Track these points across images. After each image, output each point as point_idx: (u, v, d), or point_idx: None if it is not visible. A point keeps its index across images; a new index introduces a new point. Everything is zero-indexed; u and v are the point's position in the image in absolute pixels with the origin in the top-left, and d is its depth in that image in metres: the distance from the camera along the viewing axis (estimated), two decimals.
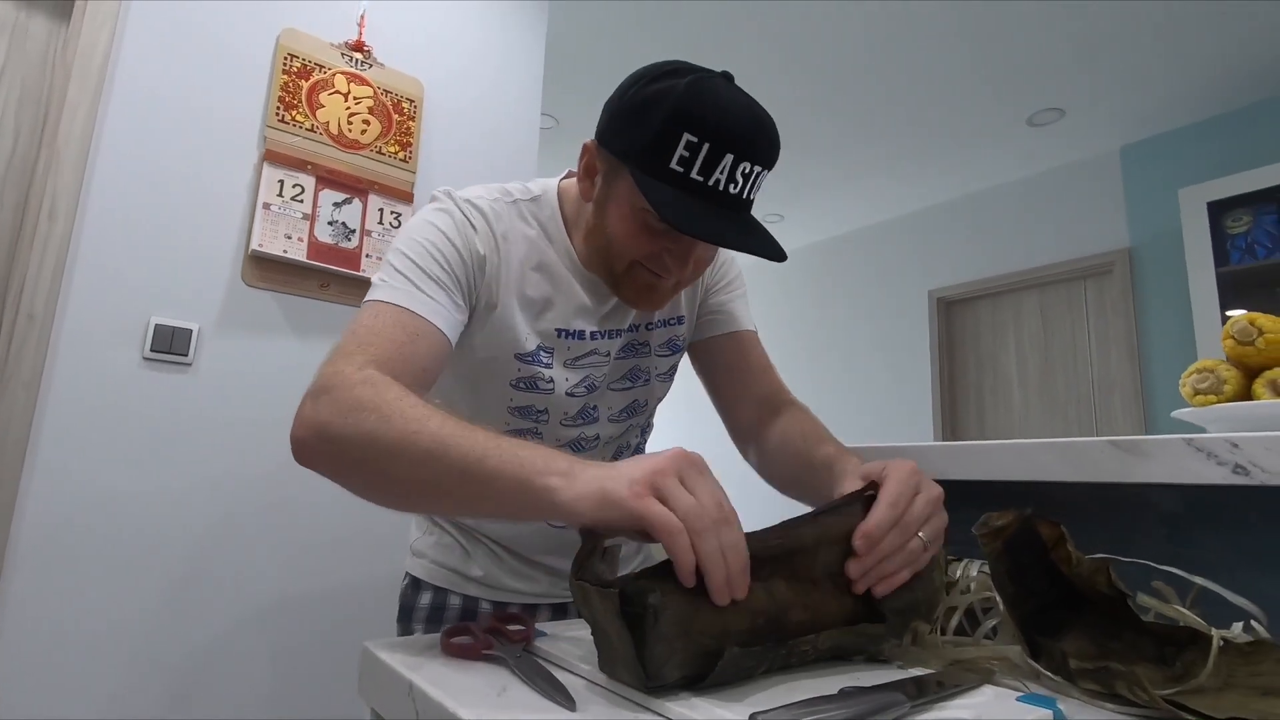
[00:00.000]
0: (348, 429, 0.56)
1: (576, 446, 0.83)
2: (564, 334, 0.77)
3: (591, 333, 0.79)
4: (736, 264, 0.92)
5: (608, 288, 0.75)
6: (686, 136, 0.62)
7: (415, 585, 0.91)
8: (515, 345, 0.75)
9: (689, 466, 0.46)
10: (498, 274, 0.74)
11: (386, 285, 0.68)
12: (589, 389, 0.80)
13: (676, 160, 0.62)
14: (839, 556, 0.51)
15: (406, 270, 0.69)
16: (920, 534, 0.52)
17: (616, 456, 0.88)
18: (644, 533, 0.45)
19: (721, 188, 0.63)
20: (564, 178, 0.81)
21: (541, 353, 0.77)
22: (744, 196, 0.65)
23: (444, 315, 0.68)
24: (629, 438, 0.90)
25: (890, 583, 0.51)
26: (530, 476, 0.48)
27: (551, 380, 0.78)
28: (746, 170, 0.64)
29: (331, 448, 0.59)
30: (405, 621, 0.90)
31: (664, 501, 0.44)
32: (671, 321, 0.85)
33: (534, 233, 0.77)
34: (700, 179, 0.62)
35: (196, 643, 1.47)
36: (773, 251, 0.66)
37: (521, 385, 0.77)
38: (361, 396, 0.57)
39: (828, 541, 0.51)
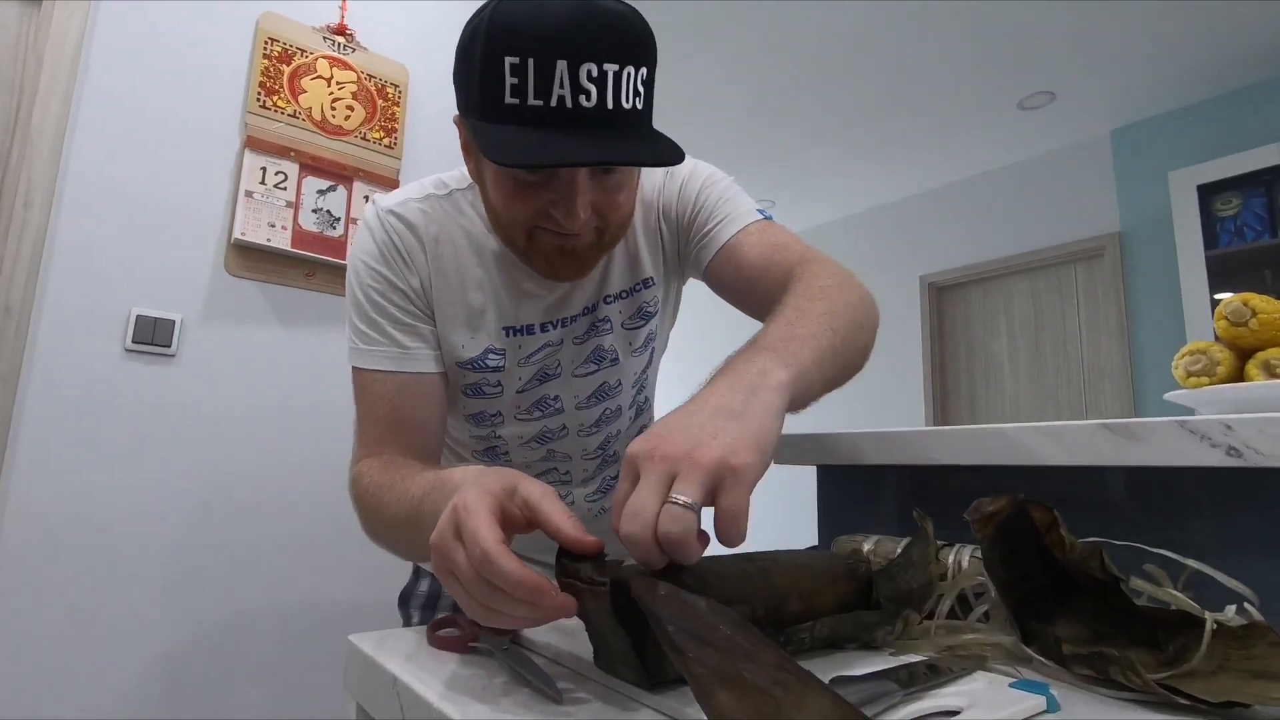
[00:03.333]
0: (366, 531, 0.67)
1: (543, 439, 0.80)
2: (512, 331, 0.73)
3: (541, 325, 0.74)
4: (696, 182, 0.77)
5: (526, 266, 0.69)
6: (508, 60, 0.53)
7: (416, 571, 0.92)
8: (454, 354, 0.73)
9: (442, 546, 0.41)
10: (431, 289, 0.72)
11: (356, 350, 0.71)
12: (541, 380, 0.77)
13: (510, 92, 0.53)
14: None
15: (363, 324, 0.70)
16: (680, 499, 0.38)
17: (605, 445, 0.85)
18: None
19: (570, 104, 0.53)
20: None
21: (490, 354, 0.73)
22: (610, 106, 0.54)
23: (413, 356, 0.70)
24: (612, 426, 0.84)
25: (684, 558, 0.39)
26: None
27: (500, 384, 0.75)
28: (593, 73, 0.53)
29: (376, 544, 0.67)
30: (404, 607, 0.91)
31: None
32: (636, 288, 0.77)
33: (472, 224, 0.72)
34: (540, 102, 0.53)
35: (185, 638, 1.46)
36: (653, 155, 0.56)
37: (469, 392, 0.75)
38: (354, 498, 0.67)
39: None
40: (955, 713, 0.38)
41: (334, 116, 1.71)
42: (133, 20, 1.52)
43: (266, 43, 1.65)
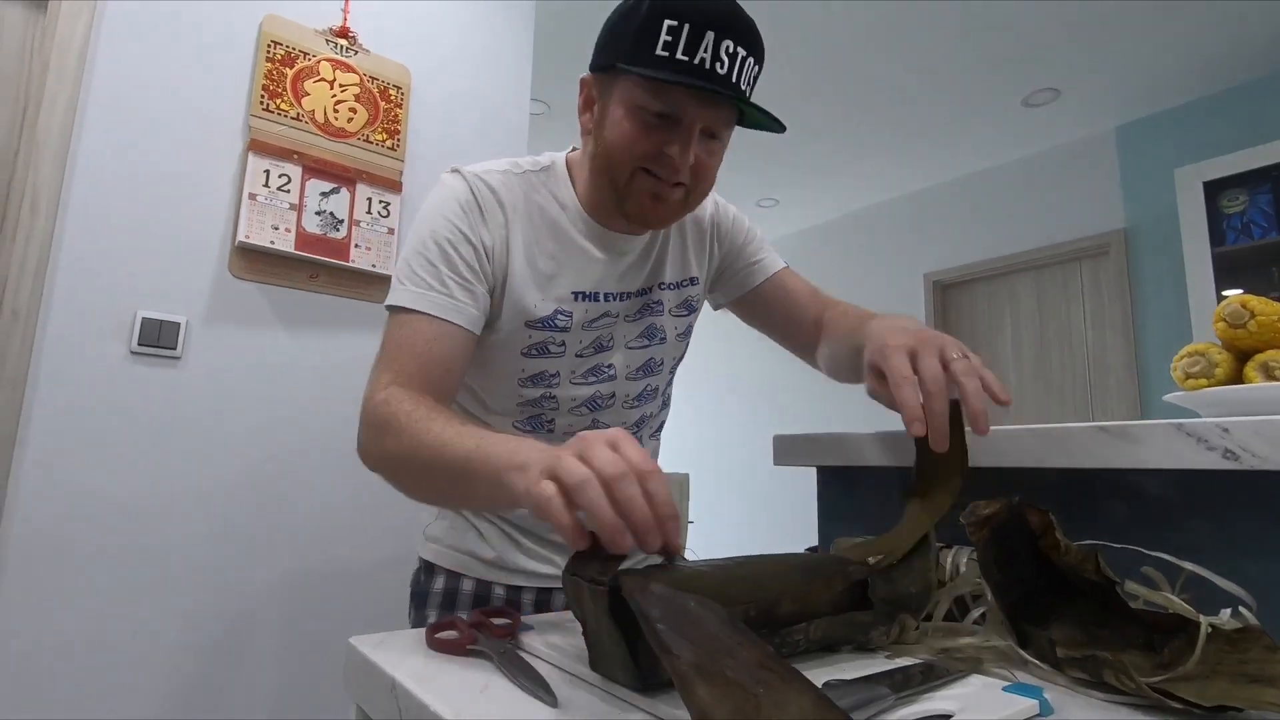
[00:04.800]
0: (379, 451, 0.66)
1: (593, 405, 0.85)
2: (580, 296, 0.80)
3: (606, 294, 0.81)
4: (744, 220, 0.95)
5: (616, 213, 0.77)
6: (667, 22, 0.66)
7: (429, 570, 0.91)
8: (526, 313, 0.77)
9: (585, 443, 0.46)
10: (507, 250, 0.77)
11: (405, 289, 0.73)
12: (598, 349, 0.83)
13: (661, 46, 0.66)
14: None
15: (422, 270, 0.73)
16: (956, 355, 0.59)
17: (639, 424, 0.90)
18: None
19: (708, 66, 0.66)
20: (570, 151, 0.84)
21: (559, 315, 0.79)
22: (734, 79, 0.68)
23: (461, 310, 0.73)
24: (648, 406, 0.91)
25: (988, 411, 0.57)
26: (497, 474, 0.53)
27: (564, 344, 0.80)
28: (730, 49, 0.67)
29: (377, 467, 0.68)
30: (420, 608, 0.90)
31: (558, 481, 0.45)
32: (684, 283, 0.88)
33: (544, 201, 0.80)
34: (685, 58, 0.66)
35: (190, 638, 1.47)
36: (770, 120, 0.70)
37: (533, 352, 0.80)
38: (380, 418, 0.66)
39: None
40: (947, 716, 0.38)
41: (337, 119, 1.72)
42: (137, 24, 1.53)
43: (270, 46, 1.66)
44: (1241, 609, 0.46)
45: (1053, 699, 0.41)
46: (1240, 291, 2.04)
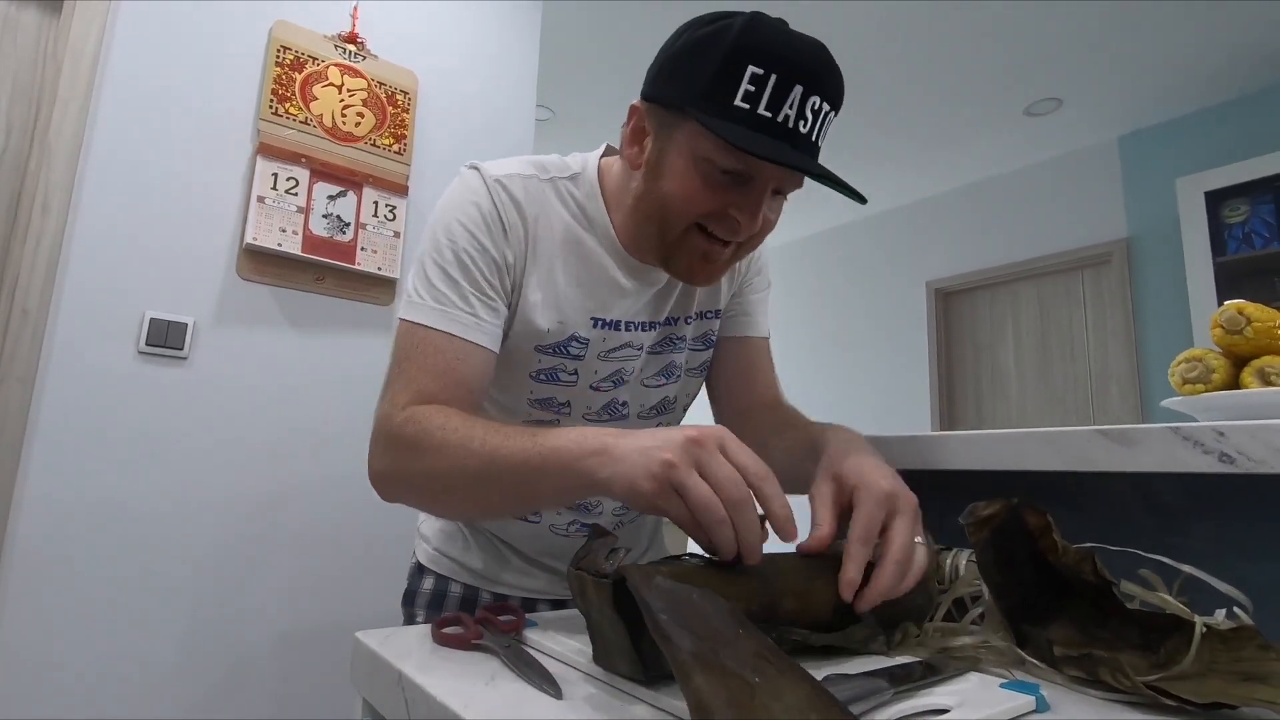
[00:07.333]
0: (406, 472, 0.60)
1: None
2: (600, 323, 0.73)
3: (627, 324, 0.75)
4: (768, 267, 0.88)
5: (657, 263, 0.70)
6: (751, 69, 0.57)
7: (420, 570, 0.90)
8: (535, 337, 0.72)
9: (702, 449, 0.46)
10: (524, 267, 0.70)
11: (423, 305, 0.66)
12: (616, 383, 0.77)
13: (741, 96, 0.57)
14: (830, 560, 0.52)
15: (441, 283, 0.66)
16: (919, 540, 0.50)
17: None
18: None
19: (792, 124, 0.58)
20: (603, 154, 0.76)
21: (574, 342, 0.73)
22: (813, 138, 0.60)
23: (483, 329, 0.67)
24: None
25: (901, 590, 0.49)
26: (570, 464, 0.51)
27: (576, 373, 0.74)
28: (816, 106, 0.59)
29: (401, 489, 0.62)
30: (409, 605, 0.89)
31: (682, 494, 0.45)
32: (708, 315, 0.81)
33: (570, 215, 0.72)
34: (769, 114, 0.57)
35: (194, 636, 1.47)
36: (852, 191, 0.62)
37: (541, 377, 0.74)
38: (407, 437, 0.60)
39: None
40: (944, 711, 0.39)
41: (344, 123, 1.74)
42: (149, 28, 1.54)
43: (279, 51, 1.67)
44: (1237, 609, 0.47)
45: (1050, 696, 0.42)
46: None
